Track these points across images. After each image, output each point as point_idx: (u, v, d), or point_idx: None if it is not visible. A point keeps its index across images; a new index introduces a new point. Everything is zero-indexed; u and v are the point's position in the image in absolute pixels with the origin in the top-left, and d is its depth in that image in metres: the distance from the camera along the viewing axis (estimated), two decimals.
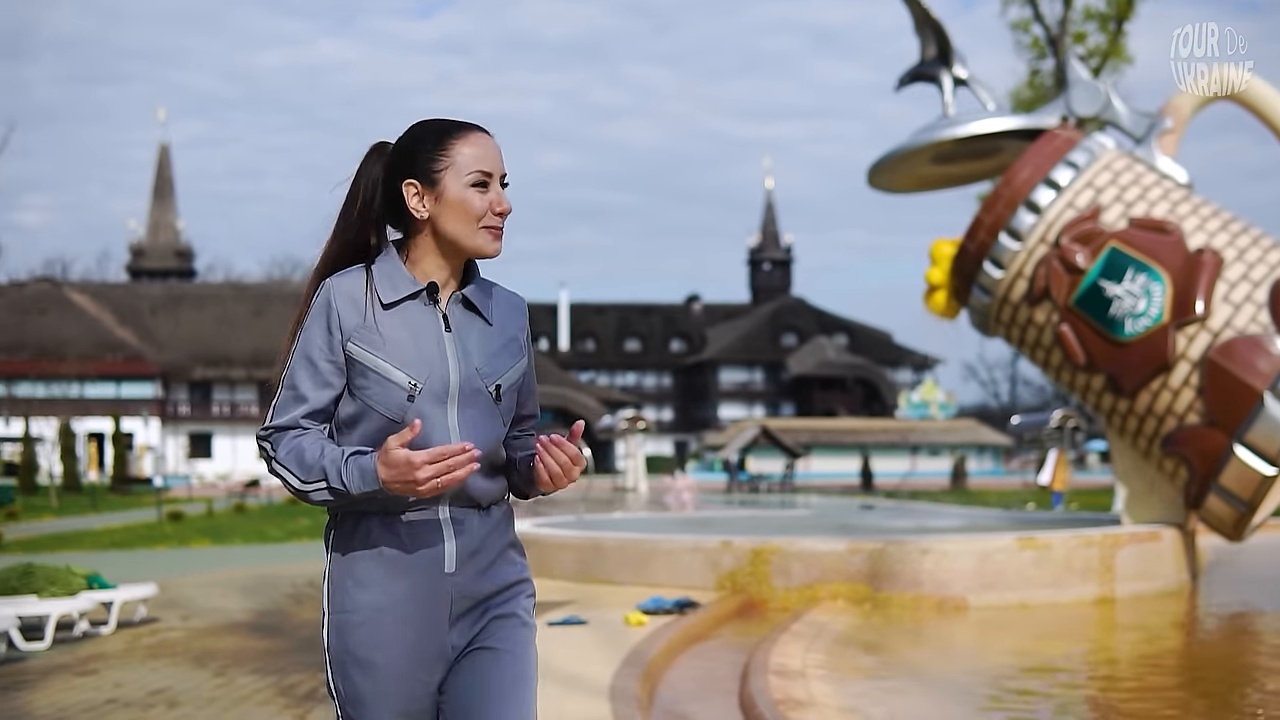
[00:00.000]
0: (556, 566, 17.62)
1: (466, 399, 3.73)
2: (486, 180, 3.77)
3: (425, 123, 3.87)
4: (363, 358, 3.69)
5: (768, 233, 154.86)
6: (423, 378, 3.69)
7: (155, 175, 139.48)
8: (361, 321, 3.71)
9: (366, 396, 3.70)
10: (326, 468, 3.61)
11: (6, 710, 10.05)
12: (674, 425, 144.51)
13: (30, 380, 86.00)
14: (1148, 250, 17.25)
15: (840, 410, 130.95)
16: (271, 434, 3.75)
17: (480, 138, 3.82)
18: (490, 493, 3.80)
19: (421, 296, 3.78)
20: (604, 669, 10.36)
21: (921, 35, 19.74)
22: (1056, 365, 18.35)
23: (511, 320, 3.93)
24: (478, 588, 3.75)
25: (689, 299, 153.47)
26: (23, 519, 45.85)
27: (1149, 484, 18.19)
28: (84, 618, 15.16)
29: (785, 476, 70.91)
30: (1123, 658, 13.26)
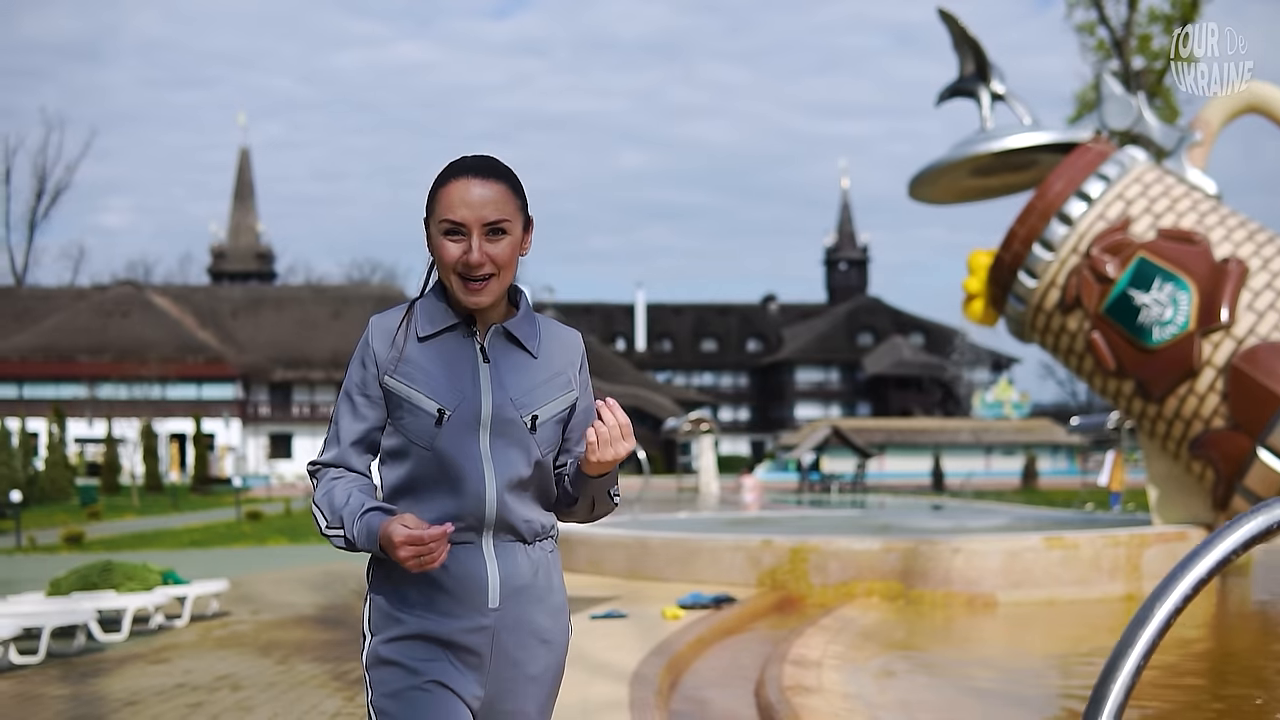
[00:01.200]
0: (607, 564, 18.50)
1: (500, 428, 3.73)
2: (457, 229, 3.72)
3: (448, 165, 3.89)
4: (397, 389, 3.75)
5: (844, 232, 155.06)
6: (452, 405, 3.71)
7: (236, 178, 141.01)
8: (397, 355, 3.77)
9: (402, 427, 3.75)
10: (345, 517, 3.69)
11: (84, 694, 11.00)
12: (750, 425, 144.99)
13: (113, 382, 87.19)
14: (1175, 260, 17.93)
15: (916, 410, 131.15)
16: (316, 470, 3.89)
17: (461, 184, 3.75)
18: (532, 525, 3.79)
19: (460, 329, 3.80)
20: (634, 657, 11.21)
21: (960, 53, 20.48)
22: (1089, 371, 19.05)
23: (561, 355, 3.91)
24: (519, 624, 3.75)
25: (765, 299, 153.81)
26: (105, 518, 47.01)
27: (1178, 485, 18.87)
28: (159, 611, 16.11)
29: (856, 476, 71.35)
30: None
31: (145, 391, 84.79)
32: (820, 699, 9.51)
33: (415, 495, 3.75)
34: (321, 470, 3.87)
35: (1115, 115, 19.50)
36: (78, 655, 13.53)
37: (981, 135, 20.14)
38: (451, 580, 3.69)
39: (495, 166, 3.82)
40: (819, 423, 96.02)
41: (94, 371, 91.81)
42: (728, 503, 46.41)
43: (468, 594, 3.69)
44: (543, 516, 3.83)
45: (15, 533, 35.45)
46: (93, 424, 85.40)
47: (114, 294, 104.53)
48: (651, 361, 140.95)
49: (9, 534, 37.46)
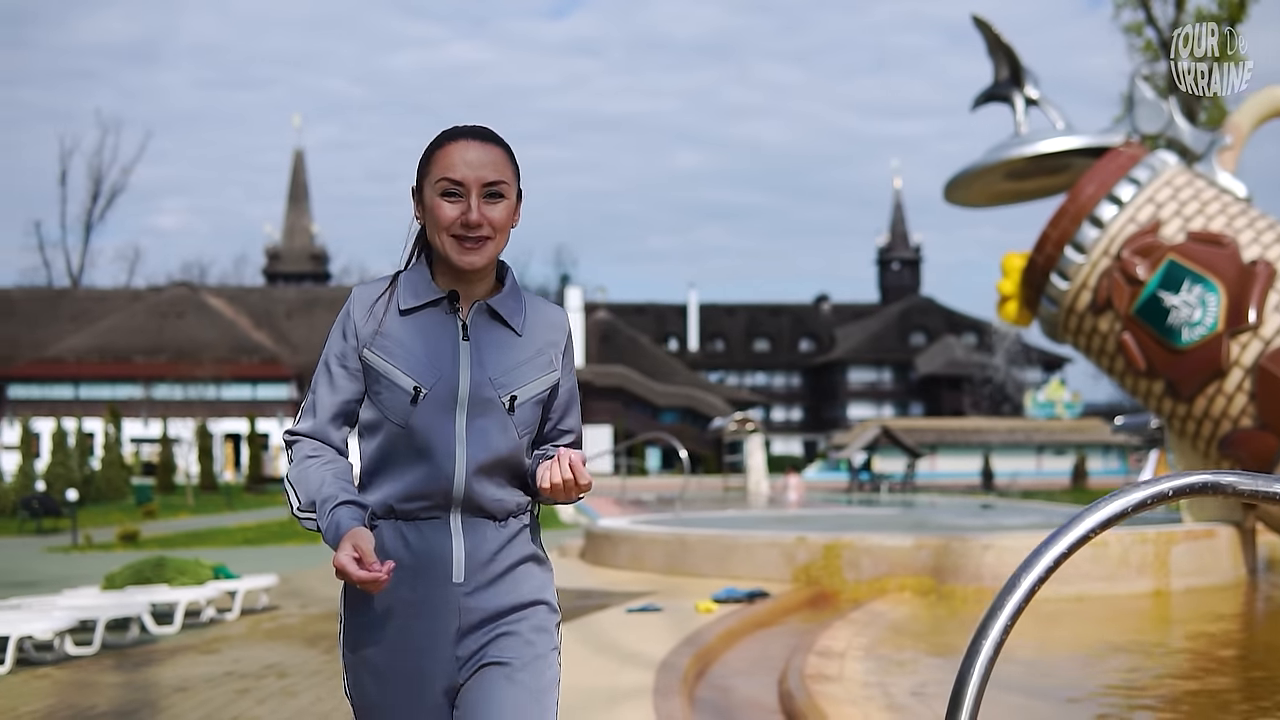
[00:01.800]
0: (648, 560, 18.94)
1: (476, 407, 3.73)
2: (455, 189, 3.73)
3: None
4: (375, 363, 3.75)
5: (896, 232, 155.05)
6: (429, 383, 3.71)
7: (290, 180, 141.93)
8: (377, 328, 3.77)
9: (379, 402, 3.75)
10: (318, 505, 3.68)
11: (137, 681, 11.51)
12: (803, 425, 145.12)
13: (168, 383, 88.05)
14: (1204, 262, 18.25)
15: (968, 410, 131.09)
16: (293, 440, 3.88)
17: (459, 146, 3.78)
18: (503, 504, 3.79)
19: (443, 305, 3.81)
20: (664, 648, 11.65)
21: (994, 59, 20.83)
22: (1120, 371, 19.38)
23: (545, 334, 3.90)
24: (488, 601, 3.74)
25: (818, 299, 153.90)
26: (160, 517, 47.67)
27: None
28: (210, 605, 16.63)
29: (906, 476, 71.58)
30: (1159, 644, 14.30)
31: (200, 392, 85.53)
32: (839, 687, 9.92)
33: (387, 471, 3.76)
34: (298, 442, 3.86)
35: (1147, 119, 19.82)
36: (131, 646, 14.04)
37: (1015, 140, 20.50)
38: (415, 557, 3.70)
39: (492, 133, 3.85)
40: (869, 423, 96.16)
41: (149, 372, 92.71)
42: (776, 502, 46.80)
43: (433, 568, 3.70)
44: (516, 496, 3.82)
45: (72, 531, 36.09)
46: (148, 424, 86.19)
47: (169, 295, 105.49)
48: (704, 361, 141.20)
49: (65, 532, 38.13)
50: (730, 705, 10.03)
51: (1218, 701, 10.61)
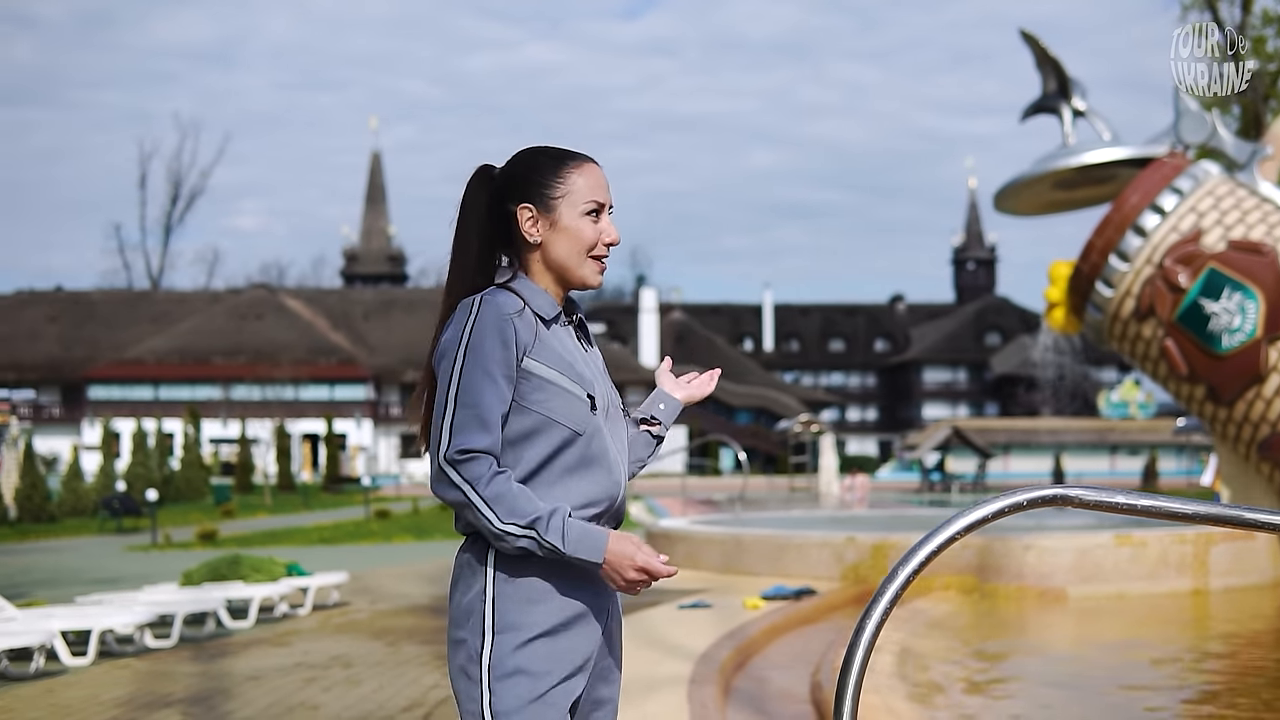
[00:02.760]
0: (704, 559, 19.63)
1: (614, 413, 3.85)
2: (599, 210, 3.82)
3: (541, 149, 3.95)
4: (543, 372, 3.69)
5: (971, 231, 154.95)
6: (594, 391, 3.75)
7: (367, 182, 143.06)
8: (534, 337, 3.71)
9: (548, 410, 3.68)
10: (545, 518, 3.58)
11: (212, 671, 12.29)
12: (878, 425, 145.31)
13: (247, 384, 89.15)
14: (1243, 270, 18.73)
15: (1043, 410, 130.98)
16: (472, 459, 3.65)
17: (594, 169, 3.87)
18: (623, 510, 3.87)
19: (561, 317, 3.83)
20: (707, 641, 12.34)
21: (1042, 71, 21.36)
22: (1164, 376, 19.88)
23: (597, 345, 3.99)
24: (620, 603, 3.87)
25: (893, 299, 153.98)
26: (238, 516, 48.65)
27: (1249, 486, 19.66)
28: (283, 601, 17.45)
29: (977, 476, 71.91)
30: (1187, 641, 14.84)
31: (278, 393, 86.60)
32: (866, 678, 10.53)
33: (558, 478, 3.69)
34: (478, 459, 3.65)
35: (1190, 130, 20.29)
36: (207, 639, 14.85)
37: (1063, 150, 21.01)
38: (577, 566, 3.62)
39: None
40: (941, 423, 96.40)
41: (228, 373, 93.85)
42: (844, 503, 47.37)
43: (593, 577, 3.66)
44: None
45: (151, 530, 37.01)
46: (227, 425, 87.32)
47: (248, 297, 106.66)
48: (779, 362, 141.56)
49: (145, 531, 39.08)
50: (764, 695, 10.69)
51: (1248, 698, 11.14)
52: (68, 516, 47.91)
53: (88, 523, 45.09)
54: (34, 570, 25.80)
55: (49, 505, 46.86)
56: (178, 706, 10.45)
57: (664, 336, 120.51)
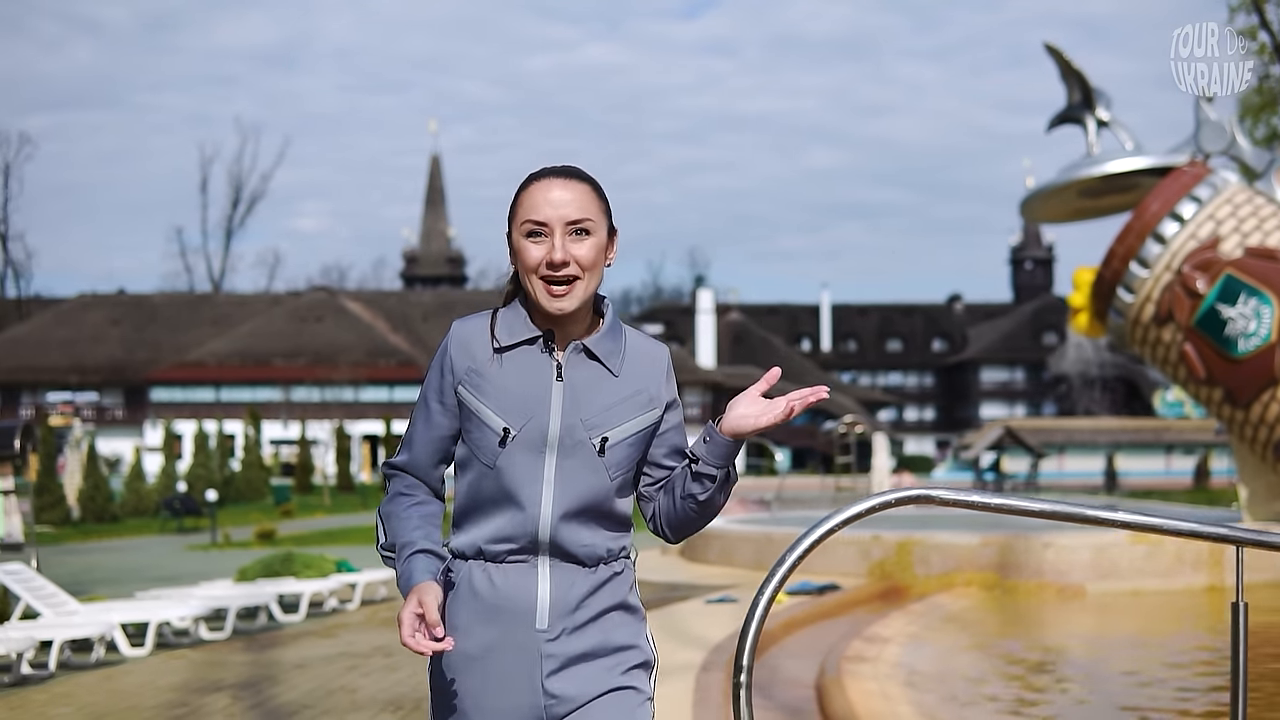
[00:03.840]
0: (736, 556, 20.40)
1: (567, 450, 3.65)
2: (539, 230, 3.66)
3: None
4: (468, 401, 3.69)
5: (1029, 231, 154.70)
6: (518, 425, 3.64)
7: (427, 184, 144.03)
8: (472, 365, 3.71)
9: (470, 440, 3.71)
10: (398, 549, 3.66)
11: (262, 660, 13.12)
12: (935, 425, 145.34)
13: (307, 385, 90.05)
14: (1259, 276, 19.36)
15: (1100, 410, 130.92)
16: (390, 474, 3.85)
17: (542, 185, 3.71)
18: (593, 549, 3.69)
19: (539, 344, 3.72)
20: (725, 633, 13.06)
21: (1067, 83, 22.04)
22: (1183, 379, 20.53)
23: (644, 371, 3.79)
24: (572, 648, 3.66)
25: (950, 299, 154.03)
26: (297, 516, 49.59)
27: (1266, 485, 20.28)
28: (333, 596, 18.28)
29: (1029, 476, 72.23)
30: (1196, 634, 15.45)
31: (338, 394, 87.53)
32: (869, 666, 11.26)
33: (476, 511, 3.71)
34: (395, 476, 3.84)
35: (1210, 139, 20.91)
36: (259, 632, 15.69)
37: (1087, 160, 21.68)
38: (501, 599, 3.64)
39: (577, 171, 3.78)
40: (994, 423, 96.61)
41: (289, 375, 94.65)
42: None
43: (516, 613, 3.63)
44: (608, 540, 3.73)
45: (211, 530, 37.91)
46: (287, 426, 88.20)
47: (308, 300, 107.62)
48: (837, 362, 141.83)
49: (205, 531, 39.98)
50: (772, 681, 11.39)
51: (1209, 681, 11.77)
52: (130, 517, 48.90)
53: (149, 523, 46.07)
54: (96, 569, 26.68)
55: (111, 506, 47.86)
56: (227, 691, 11.27)
57: (721, 337, 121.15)
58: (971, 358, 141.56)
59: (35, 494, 41.47)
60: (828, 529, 4.28)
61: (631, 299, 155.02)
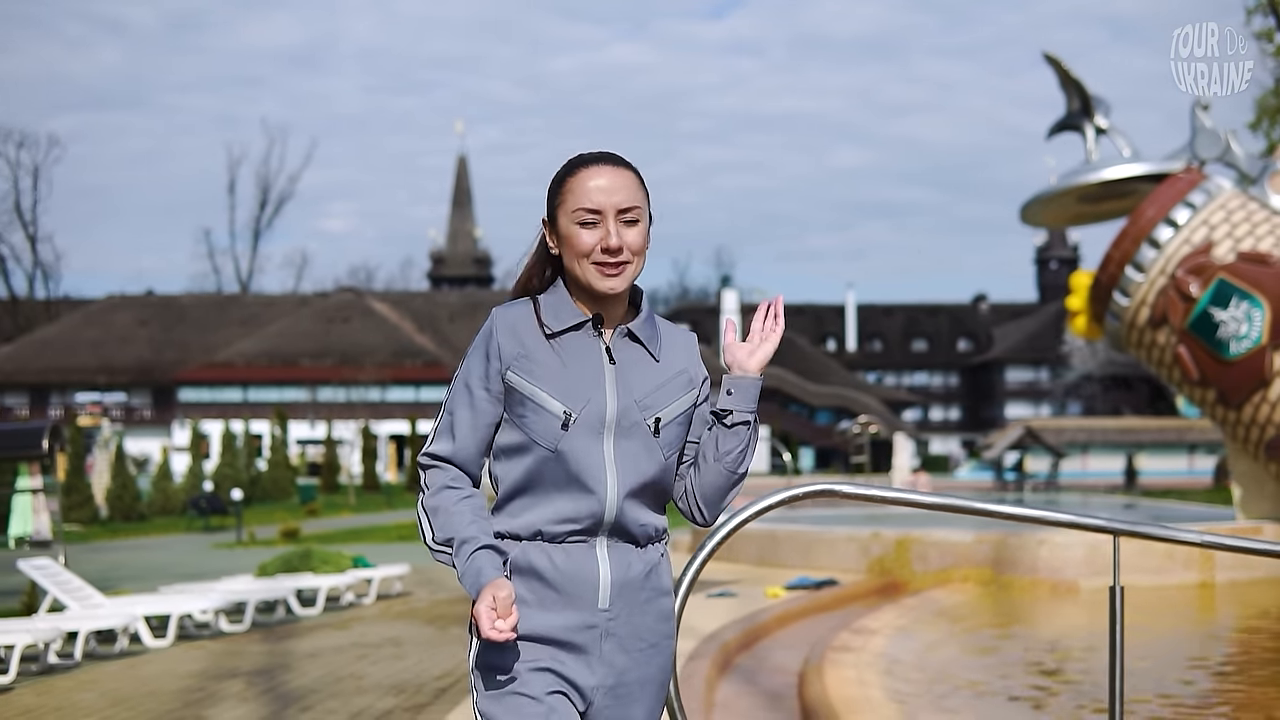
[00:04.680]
0: (741, 553, 20.98)
1: (624, 431, 3.73)
2: (591, 218, 3.73)
3: (567, 161, 3.90)
4: (521, 386, 3.72)
5: (1054, 231, 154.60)
6: (578, 408, 3.70)
7: (454, 185, 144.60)
8: (522, 350, 3.75)
9: (525, 425, 3.72)
10: (457, 544, 3.67)
11: (277, 650, 13.78)
12: (960, 425, 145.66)
13: (333, 386, 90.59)
14: (1251, 280, 19.88)
15: (1125, 409, 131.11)
16: (430, 465, 3.86)
17: (592, 172, 3.79)
18: (646, 529, 3.78)
19: (586, 328, 3.80)
20: (720, 623, 13.63)
21: (1066, 92, 22.59)
22: (1178, 380, 21.06)
23: (681, 356, 3.91)
24: (626, 627, 3.74)
25: (976, 299, 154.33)
26: (322, 515, 50.28)
27: (1259, 484, 20.80)
28: (349, 590, 18.91)
29: (1050, 475, 72.59)
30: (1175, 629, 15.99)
31: (364, 395, 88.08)
32: (852, 656, 11.82)
33: (534, 494, 3.74)
34: (435, 467, 3.85)
35: (1205, 146, 21.42)
36: (277, 625, 16.32)
37: (1086, 166, 22.23)
38: (563, 579, 3.69)
39: (622, 158, 3.87)
40: (1015, 423, 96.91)
41: (315, 375, 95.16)
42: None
43: (579, 593, 3.69)
44: (657, 520, 3.83)
45: (236, 528, 38.62)
46: (314, 426, 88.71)
47: (335, 300, 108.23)
48: (862, 362, 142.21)
49: (231, 530, 40.71)
50: (758, 669, 11.98)
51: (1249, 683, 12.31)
52: (157, 516, 49.66)
53: (176, 521, 46.85)
54: (123, 566, 27.36)
55: (139, 505, 48.63)
56: (242, 678, 11.92)
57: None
58: (996, 358, 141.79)
59: (64, 493, 42.31)
60: (741, 520, 4.87)
61: (658, 299, 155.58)
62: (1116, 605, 5.37)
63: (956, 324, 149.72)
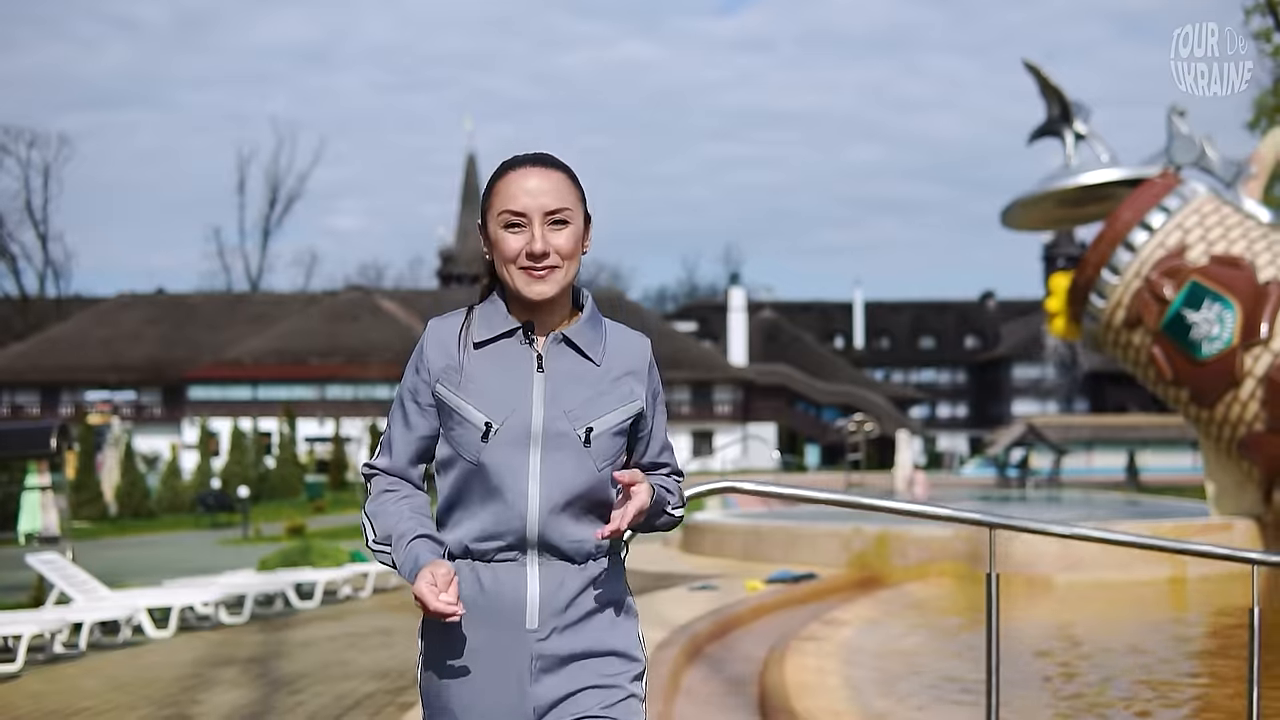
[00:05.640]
0: (727, 548, 21.66)
1: (552, 442, 3.61)
2: (518, 220, 3.65)
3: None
4: (448, 398, 3.66)
5: (1062, 229, 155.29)
6: (500, 418, 3.60)
7: (463, 183, 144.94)
8: (450, 363, 3.68)
9: (452, 438, 3.67)
10: (394, 540, 3.64)
11: (272, 640, 14.45)
12: (968, 422, 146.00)
13: (341, 383, 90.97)
14: (1222, 282, 20.47)
15: (1132, 406, 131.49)
16: (370, 475, 3.82)
17: (519, 175, 3.72)
18: (582, 545, 3.66)
19: (517, 335, 3.70)
20: (696, 614, 14.25)
21: (1046, 99, 23.20)
22: (1153, 380, 21.67)
23: (626, 363, 3.79)
24: (561, 647, 3.64)
25: (984, 296, 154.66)
26: (329, 512, 50.82)
27: (1232, 481, 21.39)
28: (347, 584, 19.53)
29: (1052, 472, 73.05)
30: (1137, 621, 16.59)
31: (371, 392, 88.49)
32: (816, 645, 12.45)
33: (461, 510, 3.68)
34: (375, 476, 3.81)
35: (1181, 152, 22.01)
36: (275, 617, 16.96)
37: (1065, 171, 22.85)
38: (490, 599, 3.61)
39: (552, 159, 3.80)
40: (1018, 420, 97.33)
41: (324, 373, 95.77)
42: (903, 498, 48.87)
43: (507, 613, 3.60)
44: (592, 534, 3.67)
45: (243, 525, 39.25)
46: (322, 423, 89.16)
47: (344, 299, 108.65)
48: (870, 359, 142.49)
49: (238, 526, 41.30)
50: (727, 658, 12.58)
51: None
52: (166, 513, 50.29)
53: (184, 519, 47.47)
54: (131, 561, 27.94)
55: (148, 502, 49.29)
56: (237, 665, 12.57)
57: (753, 335, 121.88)
58: (1004, 355, 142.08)
59: (74, 491, 42.94)
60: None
61: (667, 296, 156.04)
62: (992, 592, 5.95)
63: (964, 321, 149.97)
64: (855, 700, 10.12)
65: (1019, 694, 10.86)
